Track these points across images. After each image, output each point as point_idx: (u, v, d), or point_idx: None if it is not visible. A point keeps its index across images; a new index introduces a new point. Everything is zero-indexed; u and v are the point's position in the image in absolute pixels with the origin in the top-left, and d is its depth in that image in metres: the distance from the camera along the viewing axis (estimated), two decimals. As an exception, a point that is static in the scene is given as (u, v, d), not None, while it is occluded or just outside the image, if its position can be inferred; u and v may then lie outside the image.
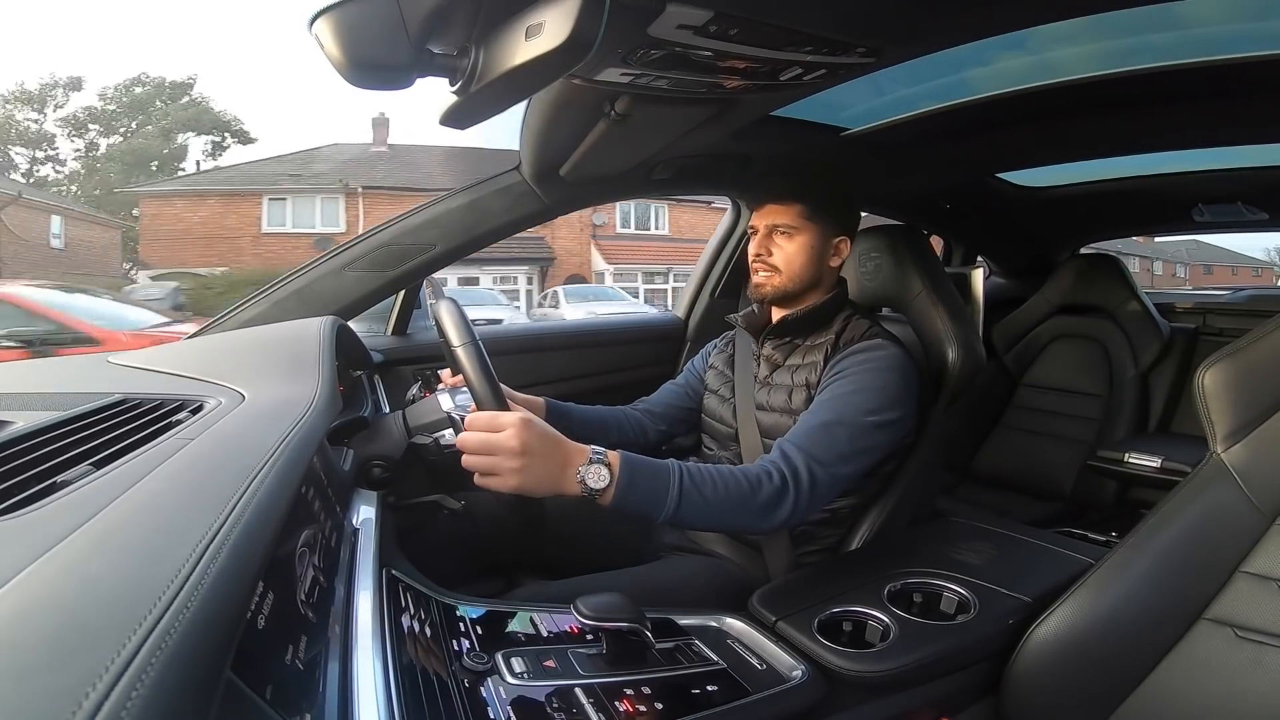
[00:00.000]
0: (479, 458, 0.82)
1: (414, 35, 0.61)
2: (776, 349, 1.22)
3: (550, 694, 0.67)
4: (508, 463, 0.80)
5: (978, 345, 1.26)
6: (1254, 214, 2.03)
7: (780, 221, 1.17)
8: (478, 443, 0.82)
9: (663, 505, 0.87)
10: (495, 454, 0.81)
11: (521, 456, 0.80)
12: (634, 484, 0.85)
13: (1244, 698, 0.75)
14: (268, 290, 1.37)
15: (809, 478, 0.95)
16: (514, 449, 0.80)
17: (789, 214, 1.17)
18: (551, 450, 0.83)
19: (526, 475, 0.81)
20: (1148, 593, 0.82)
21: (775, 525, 0.95)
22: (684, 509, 0.88)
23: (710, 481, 0.90)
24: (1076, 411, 2.21)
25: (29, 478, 0.47)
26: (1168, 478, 1.73)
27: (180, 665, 0.28)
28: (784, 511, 0.94)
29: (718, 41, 0.75)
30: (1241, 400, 0.82)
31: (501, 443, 0.81)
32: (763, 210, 1.20)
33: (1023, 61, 1.16)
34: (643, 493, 0.86)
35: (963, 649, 0.86)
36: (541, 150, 1.26)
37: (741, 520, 0.94)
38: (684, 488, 0.88)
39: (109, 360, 1.00)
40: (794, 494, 0.94)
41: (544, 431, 0.83)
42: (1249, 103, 1.22)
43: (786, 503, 0.94)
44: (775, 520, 0.94)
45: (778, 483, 0.94)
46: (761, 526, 0.96)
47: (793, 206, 1.17)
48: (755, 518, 0.93)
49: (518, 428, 0.81)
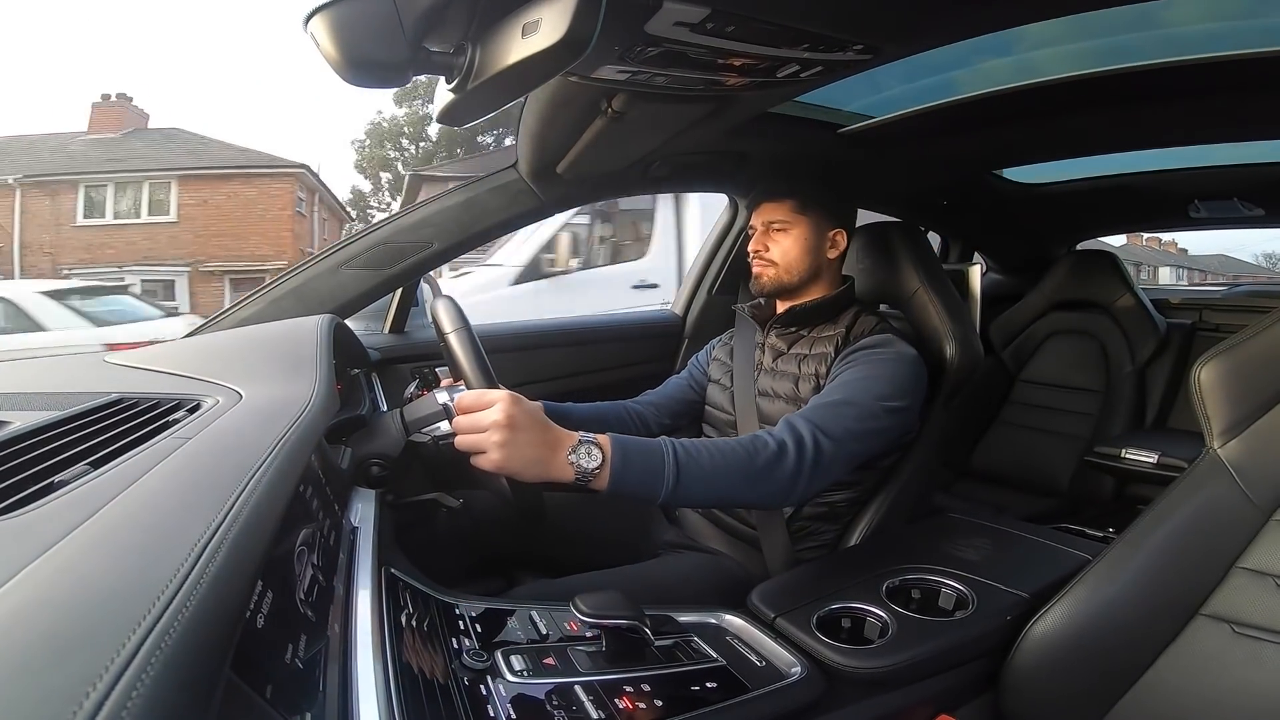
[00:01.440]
0: (468, 437, 0.82)
1: (410, 33, 0.61)
2: (781, 337, 1.24)
3: (550, 692, 0.67)
4: (494, 436, 0.79)
5: (975, 342, 1.27)
6: (1250, 210, 2.04)
7: (775, 218, 1.21)
8: (467, 422, 0.82)
9: (660, 482, 0.85)
10: (482, 429, 0.80)
11: (507, 430, 0.79)
12: (628, 463, 0.84)
13: (1242, 693, 0.75)
14: (264, 289, 1.37)
15: (813, 445, 0.94)
16: (499, 422, 0.79)
17: (782, 209, 1.21)
18: (540, 430, 0.82)
19: (513, 451, 0.80)
20: (1145, 588, 0.83)
21: (781, 493, 0.93)
22: (684, 483, 0.86)
23: (706, 452, 0.89)
24: (1073, 407, 2.21)
25: (26, 478, 0.47)
26: (1164, 473, 1.73)
27: (180, 665, 0.28)
28: (787, 475, 0.91)
29: (715, 38, 0.75)
30: (1238, 395, 0.82)
31: (487, 416, 0.80)
32: (759, 209, 1.24)
33: (1019, 59, 1.16)
34: (638, 472, 0.84)
35: (961, 645, 0.86)
36: (538, 148, 1.26)
37: (746, 487, 0.91)
38: (680, 461, 0.86)
39: (106, 360, 1.00)
40: (795, 458, 0.92)
41: (532, 410, 0.83)
42: (1245, 99, 1.22)
43: (788, 465, 0.91)
44: (780, 486, 0.92)
45: (775, 446, 0.92)
46: (767, 493, 0.92)
47: (785, 202, 1.21)
48: (759, 483, 0.91)
49: (504, 402, 0.80)
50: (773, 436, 0.94)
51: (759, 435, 0.94)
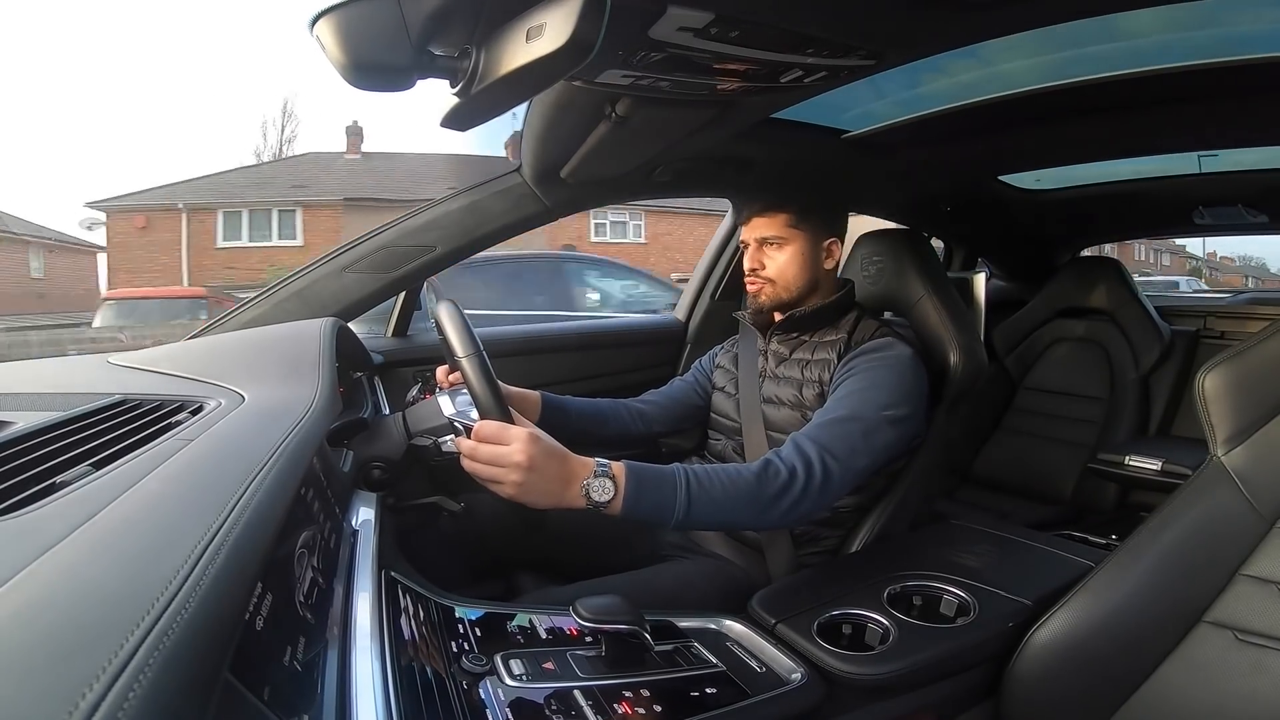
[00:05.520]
0: (484, 467, 0.82)
1: (415, 37, 0.61)
2: (782, 344, 1.24)
3: (549, 696, 0.67)
4: (512, 475, 0.81)
5: (979, 349, 1.26)
6: (1254, 216, 2.03)
7: (769, 234, 1.20)
8: (486, 454, 0.82)
9: (671, 512, 0.87)
10: (501, 466, 0.81)
11: (527, 471, 0.80)
12: (641, 494, 0.85)
13: (1245, 701, 0.74)
14: (269, 292, 1.37)
15: (822, 469, 0.95)
16: (519, 463, 0.80)
17: (775, 224, 1.19)
18: (557, 466, 0.83)
19: (529, 489, 0.81)
20: (1148, 596, 0.82)
21: (788, 517, 0.94)
22: (694, 512, 0.88)
23: (718, 482, 0.90)
24: (1077, 414, 2.20)
25: (28, 478, 0.47)
26: (1168, 481, 1.73)
27: (178, 666, 0.28)
28: (794, 501, 0.93)
29: (718, 44, 0.75)
30: (1242, 403, 0.82)
31: (507, 456, 0.81)
32: (750, 224, 1.22)
33: (1025, 64, 1.16)
34: (651, 502, 0.86)
35: (962, 652, 0.86)
36: (542, 152, 1.27)
37: (754, 514, 0.93)
38: (692, 491, 0.88)
39: (109, 360, 1.00)
40: (804, 484, 0.93)
41: (550, 447, 0.84)
42: (1249, 105, 1.22)
43: (795, 491, 0.93)
44: (787, 511, 0.93)
45: (785, 473, 0.93)
46: (774, 519, 0.94)
47: (778, 216, 1.19)
48: (767, 510, 0.92)
49: (524, 443, 0.81)
50: (784, 463, 0.95)
51: (771, 462, 0.95)
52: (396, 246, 1.40)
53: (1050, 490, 2.15)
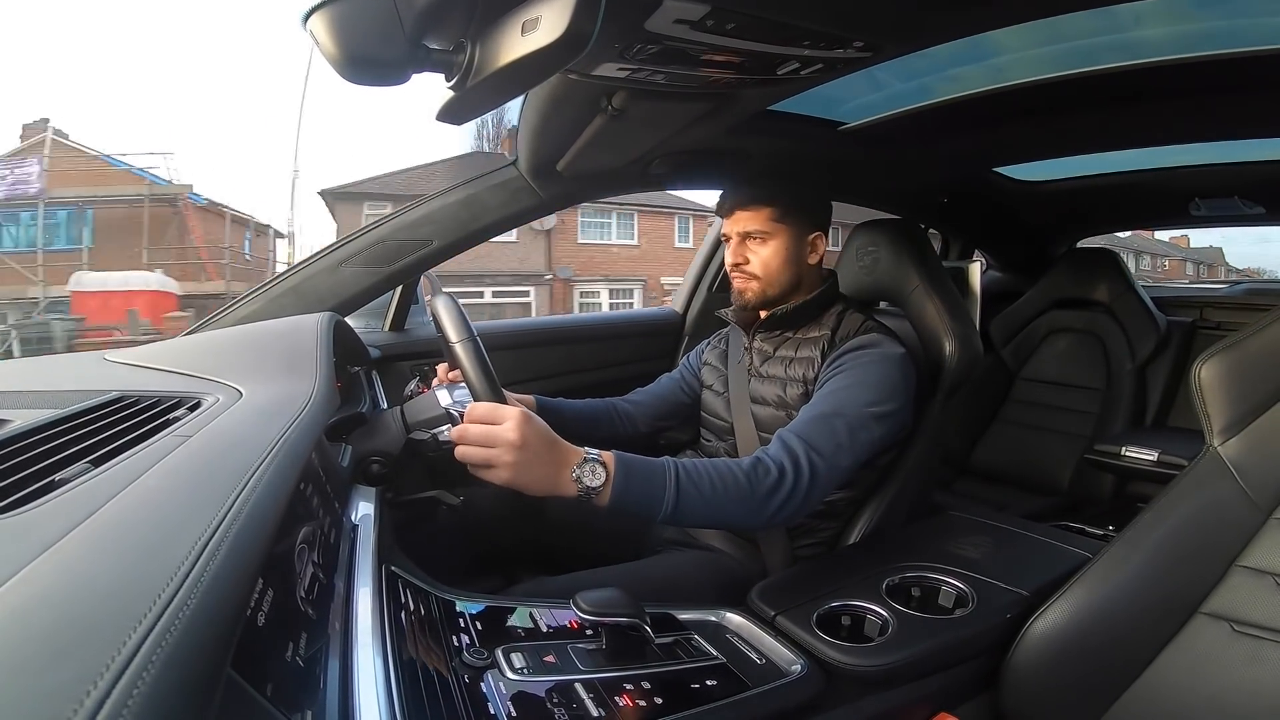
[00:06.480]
0: (476, 449, 0.82)
1: (409, 31, 0.60)
2: (766, 341, 1.23)
3: (550, 689, 0.67)
4: (505, 455, 0.81)
5: (975, 339, 1.26)
6: (1251, 208, 2.03)
7: (752, 228, 1.17)
8: (478, 434, 0.82)
9: (660, 504, 0.87)
10: (494, 445, 0.81)
11: (519, 450, 0.81)
12: (630, 483, 0.85)
13: (1241, 691, 0.75)
14: (264, 287, 1.36)
15: (809, 468, 0.95)
16: (513, 441, 0.81)
17: (759, 219, 1.17)
18: (548, 448, 0.83)
19: (521, 470, 0.81)
20: (1145, 586, 0.83)
21: (776, 517, 0.94)
22: (682, 507, 0.88)
23: (707, 478, 0.90)
24: (1074, 405, 2.21)
25: (26, 476, 0.47)
26: (1165, 471, 1.73)
27: (181, 663, 0.28)
28: (783, 501, 0.93)
29: (715, 36, 0.75)
30: (1238, 393, 0.82)
31: (501, 434, 0.81)
32: (733, 218, 1.19)
33: (1022, 56, 1.16)
34: (639, 493, 0.86)
35: (961, 643, 0.87)
36: (538, 145, 1.26)
37: (742, 514, 0.93)
38: (681, 485, 0.88)
39: (106, 358, 1.00)
40: (793, 483, 0.93)
41: (542, 429, 0.84)
42: (1246, 97, 1.22)
43: (783, 491, 0.93)
44: (775, 511, 0.93)
45: (775, 473, 0.93)
46: (762, 519, 0.94)
47: (762, 210, 1.17)
48: (755, 510, 0.92)
49: (517, 421, 0.81)
50: (773, 461, 0.95)
51: (761, 460, 0.95)
52: (392, 240, 1.39)
53: (1047, 481, 2.16)
